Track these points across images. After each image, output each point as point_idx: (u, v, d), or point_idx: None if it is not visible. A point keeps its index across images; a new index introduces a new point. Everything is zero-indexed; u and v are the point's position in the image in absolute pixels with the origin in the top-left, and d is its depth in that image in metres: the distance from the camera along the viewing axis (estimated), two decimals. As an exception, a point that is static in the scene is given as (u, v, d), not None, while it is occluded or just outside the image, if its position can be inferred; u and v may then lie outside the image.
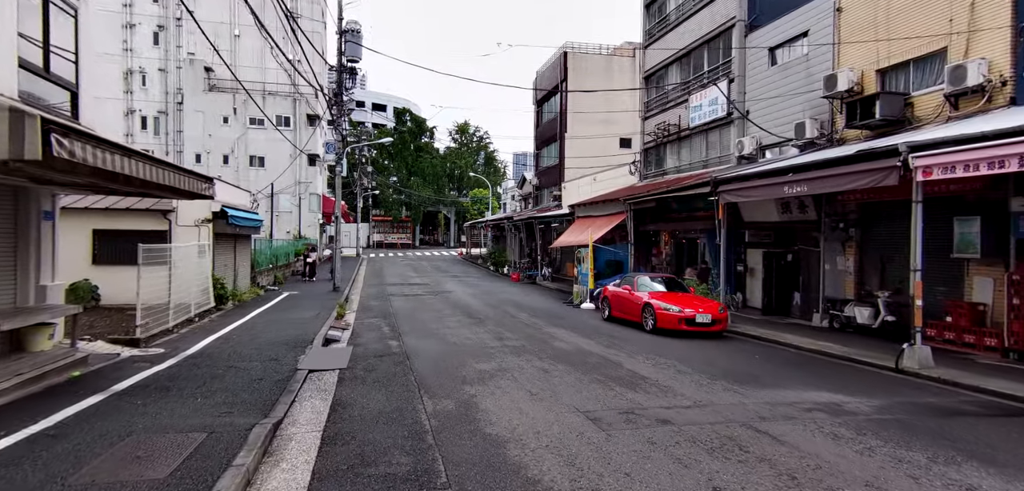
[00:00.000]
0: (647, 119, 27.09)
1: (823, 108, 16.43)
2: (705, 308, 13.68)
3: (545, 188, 44.10)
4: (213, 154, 48.06)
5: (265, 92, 49.76)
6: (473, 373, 9.37)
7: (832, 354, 11.64)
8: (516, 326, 15.23)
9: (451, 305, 20.16)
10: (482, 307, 19.68)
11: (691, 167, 23.42)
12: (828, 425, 6.71)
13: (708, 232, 20.44)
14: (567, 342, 12.61)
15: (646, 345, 12.30)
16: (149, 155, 8.22)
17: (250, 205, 24.27)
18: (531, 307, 20.03)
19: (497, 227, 48.35)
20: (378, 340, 12.99)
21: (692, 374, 9.39)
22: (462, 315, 17.50)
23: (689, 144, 23.82)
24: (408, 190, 72.86)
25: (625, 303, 15.50)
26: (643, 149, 27.37)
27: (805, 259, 17.18)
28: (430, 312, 18.19)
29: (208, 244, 17.43)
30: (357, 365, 10.16)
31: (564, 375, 9.19)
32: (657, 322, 13.72)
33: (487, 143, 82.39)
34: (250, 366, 9.79)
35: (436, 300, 21.74)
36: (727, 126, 21.08)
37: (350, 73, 25.00)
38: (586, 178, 34.43)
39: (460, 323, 15.72)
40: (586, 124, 38.75)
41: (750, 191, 14.54)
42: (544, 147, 44.52)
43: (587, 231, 23.83)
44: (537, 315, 17.79)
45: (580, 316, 17.92)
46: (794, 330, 14.86)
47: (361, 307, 19.75)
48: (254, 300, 20.21)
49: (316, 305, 19.09)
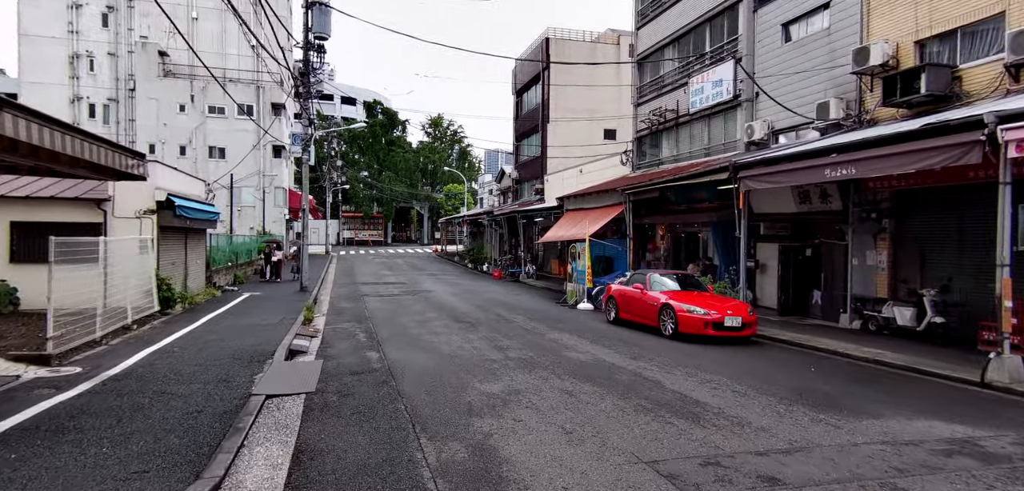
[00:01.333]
0: (640, 105, 25.38)
1: (849, 86, 14.85)
2: (733, 310, 11.91)
3: (525, 182, 42.19)
4: (168, 144, 44.82)
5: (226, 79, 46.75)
6: (480, 399, 7.36)
7: (892, 364, 9.96)
8: (514, 331, 13.24)
9: (434, 306, 18.06)
10: (469, 308, 17.64)
11: (691, 156, 21.76)
12: (989, 478, 4.92)
13: (713, 225, 18.79)
14: (581, 352, 10.68)
15: (675, 355, 10.46)
16: (47, 116, 6.01)
17: (205, 196, 21.73)
18: (523, 308, 18.07)
19: (475, 223, 46.26)
20: (353, 351, 10.86)
21: (756, 396, 7.54)
22: (448, 318, 15.44)
23: (688, 131, 22.15)
24: (379, 184, 70.09)
25: (636, 304, 13.65)
26: (635, 137, 25.66)
27: (827, 254, 15.61)
28: (411, 315, 16.08)
29: (151, 239, 14.99)
30: (329, 386, 8.05)
31: (596, 400, 7.26)
32: (679, 326, 11.90)
33: (462, 137, 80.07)
34: (189, 391, 7.60)
35: (416, 301, 19.61)
36: (733, 110, 19.45)
37: (318, 50, 22.62)
38: (570, 170, 32.63)
39: (448, 328, 13.67)
40: (569, 114, 36.98)
41: (779, 176, 12.84)
42: (524, 139, 42.58)
43: (579, 225, 21.99)
44: (533, 317, 15.84)
45: (580, 318, 16.03)
46: (825, 333, 13.23)
47: (332, 310, 17.50)
48: (209, 302, 17.79)
49: (280, 308, 16.78)
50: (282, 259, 26.46)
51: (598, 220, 19.95)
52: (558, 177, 34.46)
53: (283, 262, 26.86)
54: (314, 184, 61.22)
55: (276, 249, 26.00)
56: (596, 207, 22.01)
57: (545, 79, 38.02)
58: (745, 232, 14.26)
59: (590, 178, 28.90)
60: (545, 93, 38.00)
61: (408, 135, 78.72)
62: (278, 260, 25.70)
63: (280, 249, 26.65)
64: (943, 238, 12.70)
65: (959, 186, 11.87)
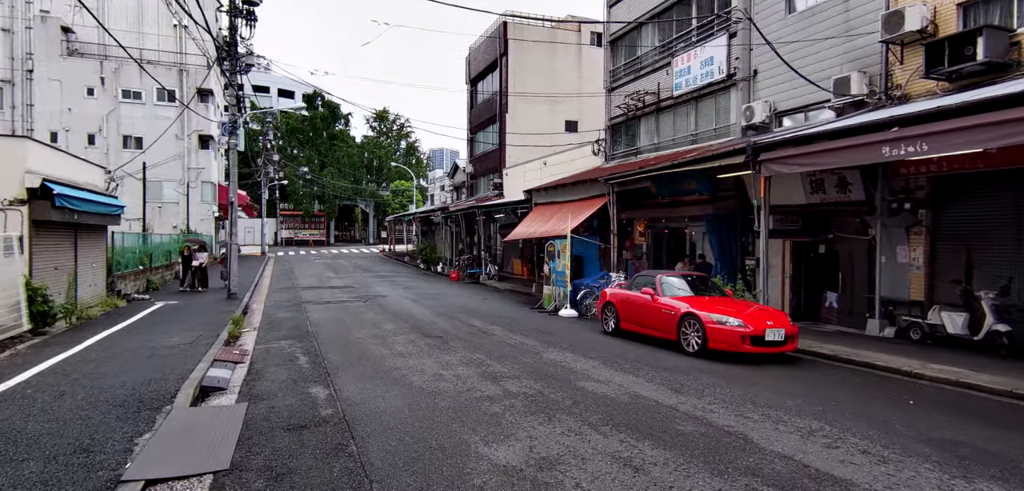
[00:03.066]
0: (614, 90, 23.22)
1: (872, 58, 13.03)
2: (773, 320, 9.71)
3: (481, 176, 39.51)
4: (74, 132, 39.70)
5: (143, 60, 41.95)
6: (496, 481, 4.71)
7: (991, 389, 7.94)
8: (499, 349, 10.62)
9: (391, 315, 15.18)
10: (434, 317, 14.87)
11: (675, 144, 19.73)
12: None
13: (708, 219, 16.76)
14: (602, 381, 8.17)
15: (720, 383, 8.12)
16: None
17: (106, 187, 18.01)
18: (496, 316, 15.46)
19: (426, 221, 43.20)
20: (292, 385, 7.97)
21: (904, 460, 5.15)
22: (412, 331, 12.65)
23: (671, 117, 20.11)
24: (321, 179, 65.62)
25: (646, 313, 11.27)
26: (608, 125, 23.49)
27: (845, 251, 13.79)
28: (365, 328, 13.17)
29: (20, 236, 11.50)
30: (252, 457, 5.23)
31: (681, 478, 4.74)
32: (708, 341, 9.59)
33: (409, 131, 76.37)
34: (18, 475, 4.64)
35: (369, 309, 16.65)
36: (726, 91, 17.50)
37: (247, 17, 19.23)
38: (533, 163, 30.24)
39: (415, 346, 10.89)
40: (529, 105, 34.60)
41: (816, 158, 10.76)
42: (480, 131, 39.90)
43: (553, 220, 19.57)
44: (513, 328, 13.26)
45: (571, 329, 13.57)
46: (861, 343, 11.30)
47: (266, 322, 14.35)
48: (107, 316, 14.31)
49: (199, 321, 13.53)
50: (207, 263, 21.82)
51: (579, 213, 17.56)
52: (519, 170, 32.00)
53: (208, 266, 22.25)
54: (248, 180, 56.37)
55: (199, 250, 21.39)
56: (572, 200, 19.64)
57: (503, 66, 35.49)
58: (765, 225, 12.16)
59: (557, 170, 26.60)
60: (503, 81, 35.46)
61: (352, 129, 74.56)
62: (202, 264, 21.12)
63: (204, 250, 21.91)
64: (997, 230, 10.96)
65: (1018, 170, 10.14)
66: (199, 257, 20.99)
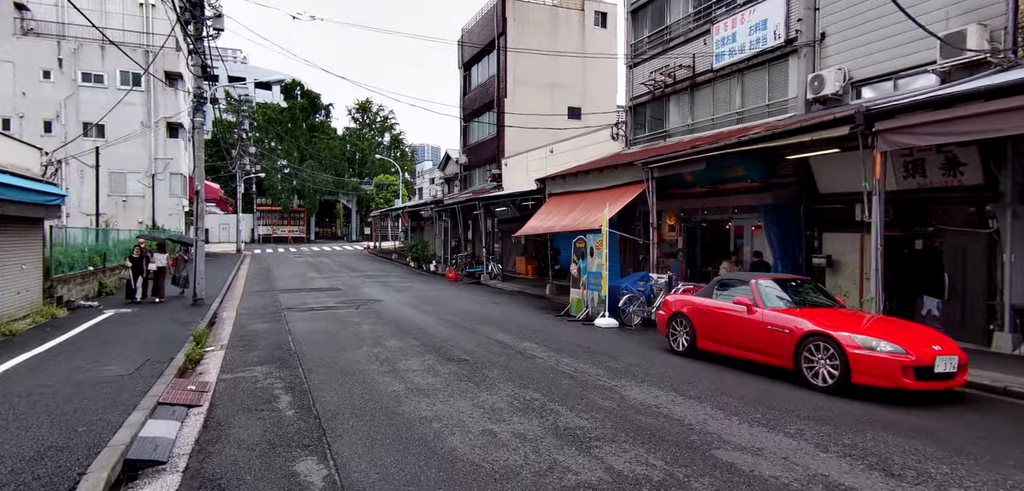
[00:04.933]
0: (637, 65, 20.58)
1: (996, 9, 10.57)
2: (942, 345, 7.10)
3: (477, 167, 36.70)
4: (29, 118, 36.09)
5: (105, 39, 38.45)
6: None
7: None
8: (556, 384, 7.91)
9: (393, 328, 12.38)
10: (447, 330, 12.10)
11: (715, 123, 17.17)
12: None
13: (766, 210, 14.19)
14: (753, 452, 5.49)
15: (945, 452, 5.52)
16: None
17: (42, 172, 14.90)
18: (522, 327, 12.74)
19: (415, 216, 40.26)
20: (270, 457, 5.19)
21: None
22: (427, 351, 9.87)
23: (709, 93, 17.54)
24: (300, 172, 62.08)
25: (739, 329, 8.59)
26: (630, 106, 20.87)
27: (952, 248, 11.33)
28: (365, 346, 10.36)
29: None
30: None
31: None
32: (851, 374, 6.96)
33: (392, 123, 72.99)
34: None
35: (363, 318, 13.82)
36: (782, 60, 14.97)
37: (216, -30, 16.20)
38: (538, 151, 27.57)
39: (438, 377, 8.14)
40: (529, 91, 31.89)
41: (964, 124, 8.19)
42: (474, 118, 37.07)
43: (575, 211, 16.88)
44: (554, 346, 10.55)
45: (624, 346, 10.89)
46: (1002, 365, 8.83)
47: (238, 338, 11.44)
48: (36, 331, 11.32)
49: (152, 336, 10.60)
50: (166, 266, 17.28)
51: (617, 200, 14.81)
52: (520, 160, 29.29)
53: (167, 271, 17.46)
54: (223, 173, 52.81)
55: (155, 250, 17.02)
56: (598, 189, 16.96)
57: (501, 47, 32.70)
58: (880, 214, 9.59)
59: (565, 159, 23.93)
60: (501, 64, 32.68)
61: (333, 120, 71.05)
62: (159, 268, 16.60)
63: (163, 251, 17.41)
64: None
65: None
66: (156, 259, 16.69)
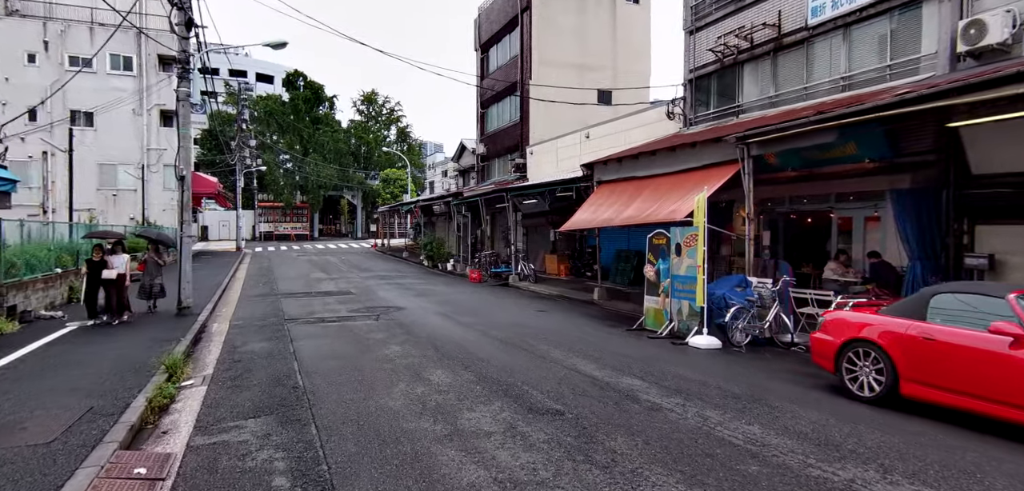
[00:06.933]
0: (699, 31, 17.58)
1: None
2: None
3: (495, 158, 33.73)
4: (12, 105, 33.37)
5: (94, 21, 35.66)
6: None
7: None
8: (730, 467, 5.00)
9: (432, 350, 9.43)
10: (504, 356, 9.16)
11: (809, 94, 14.19)
12: None
13: (898, 197, 11.17)
14: None
15: None
16: None
17: (-13, 150, 11.96)
18: (601, 350, 9.78)
19: (427, 211, 37.31)
20: None
21: None
22: (491, 393, 6.93)
23: (800, 58, 14.54)
24: (304, 167, 59.11)
25: (996, 374, 5.55)
26: (690, 79, 17.86)
27: None
28: (401, 381, 7.42)
29: None
30: None
31: None
32: None
33: (399, 116, 69.94)
34: None
35: (389, 334, 10.88)
36: (915, 6, 11.96)
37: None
38: (569, 137, 24.65)
39: (531, 450, 5.21)
40: (555, 71, 28.86)
41: None
42: (493, 104, 34.09)
43: (641, 201, 13.90)
44: (669, 385, 7.62)
45: (760, 378, 7.94)
46: None
47: (225, 367, 8.49)
48: (-46, 358, 8.41)
49: (108, 364, 7.66)
50: (126, 272, 12.20)
51: (699, 185, 11.78)
52: (549, 147, 26.34)
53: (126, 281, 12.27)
54: (222, 167, 49.94)
55: (113, 252, 12.18)
56: (669, 173, 13.97)
57: (525, 24, 29.70)
58: None
59: (604, 144, 20.99)
60: (525, 42, 29.68)
61: (338, 113, 68.07)
62: (119, 276, 11.85)
63: (123, 249, 12.57)
64: None
65: None
66: (113, 263, 11.91)
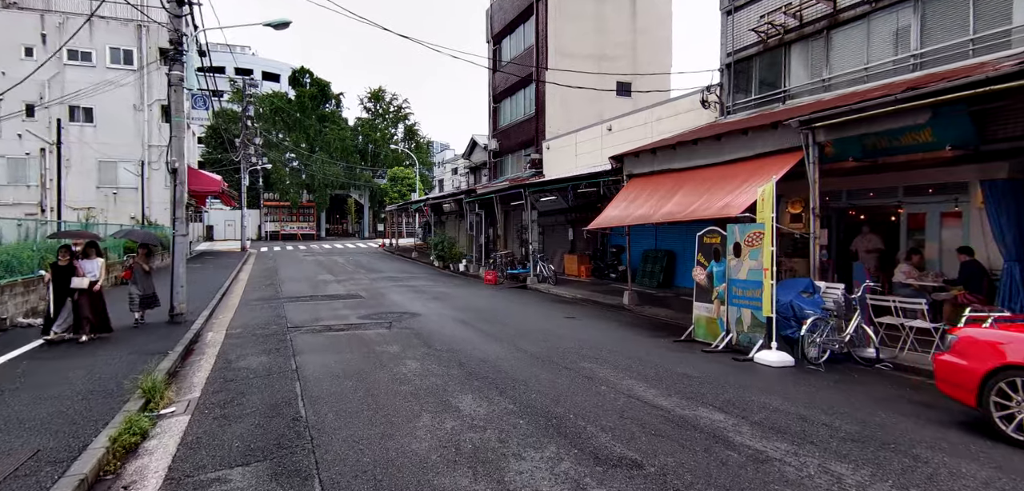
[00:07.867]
0: (738, 11, 16.12)
1: None
2: None
3: (509, 153, 32.34)
4: (8, 99, 32.17)
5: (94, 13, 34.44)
6: None
7: None
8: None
9: (454, 367, 8.04)
10: (546, 376, 7.75)
11: (869, 76, 12.71)
12: None
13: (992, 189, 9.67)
14: None
15: None
16: None
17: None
18: (656, 368, 8.37)
19: (437, 209, 35.97)
20: None
21: None
22: (541, 432, 5.54)
23: (859, 35, 13.06)
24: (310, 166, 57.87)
25: None
26: (729, 63, 16.41)
27: None
28: (426, 413, 6.03)
29: None
30: None
31: None
32: None
33: (407, 113, 68.63)
34: None
35: (404, 346, 9.50)
36: (1002, -27, 10.49)
37: None
38: (590, 130, 23.25)
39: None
40: (572, 62, 27.42)
41: None
42: (507, 98, 32.70)
43: (681, 196, 12.44)
44: (758, 420, 6.21)
45: (870, 408, 6.50)
46: None
47: (215, 389, 7.11)
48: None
49: (75, 388, 6.29)
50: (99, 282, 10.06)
51: (754, 177, 10.33)
52: (567, 141, 24.91)
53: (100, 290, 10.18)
54: (227, 166, 48.82)
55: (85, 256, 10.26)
56: (713, 164, 12.52)
57: (541, 12, 28.28)
58: None
59: (632, 136, 19.59)
60: (541, 31, 28.27)
61: (344, 110, 66.83)
62: (91, 283, 9.91)
63: (98, 253, 10.37)
64: None
65: None
66: (85, 269, 9.98)
